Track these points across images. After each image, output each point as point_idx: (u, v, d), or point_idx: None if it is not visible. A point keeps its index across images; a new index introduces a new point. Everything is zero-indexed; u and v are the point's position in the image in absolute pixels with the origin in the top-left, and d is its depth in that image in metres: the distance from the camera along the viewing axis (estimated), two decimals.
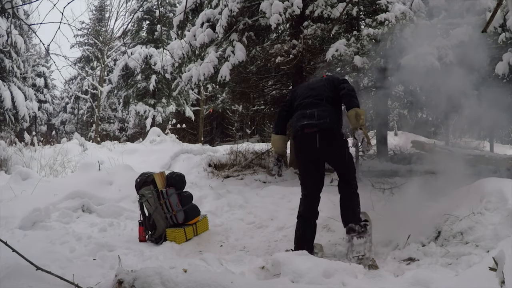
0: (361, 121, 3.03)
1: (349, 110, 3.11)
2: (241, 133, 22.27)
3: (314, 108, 3.26)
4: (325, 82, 3.43)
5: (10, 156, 8.27)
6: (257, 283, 2.28)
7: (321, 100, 3.30)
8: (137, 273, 2.11)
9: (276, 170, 3.56)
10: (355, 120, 3.03)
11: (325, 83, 3.43)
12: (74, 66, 22.62)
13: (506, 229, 2.71)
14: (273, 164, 3.56)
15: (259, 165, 7.62)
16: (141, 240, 4.09)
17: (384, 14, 5.53)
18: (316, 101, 3.30)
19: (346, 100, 3.19)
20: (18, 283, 2.13)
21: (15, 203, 4.69)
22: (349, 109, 3.11)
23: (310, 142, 3.22)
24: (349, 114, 3.09)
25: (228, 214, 5.10)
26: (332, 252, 3.58)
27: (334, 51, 5.69)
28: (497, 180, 3.27)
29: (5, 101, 14.02)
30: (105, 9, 24.76)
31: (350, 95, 3.18)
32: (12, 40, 13.20)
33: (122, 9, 29.59)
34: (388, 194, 5.40)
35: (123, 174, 5.88)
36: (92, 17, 24.93)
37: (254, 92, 8.29)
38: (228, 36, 6.90)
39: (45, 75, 27.09)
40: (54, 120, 29.83)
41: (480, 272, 2.06)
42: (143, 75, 18.93)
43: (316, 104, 3.28)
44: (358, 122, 3.02)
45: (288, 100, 3.65)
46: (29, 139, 10.48)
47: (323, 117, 3.19)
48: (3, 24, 12.43)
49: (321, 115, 3.21)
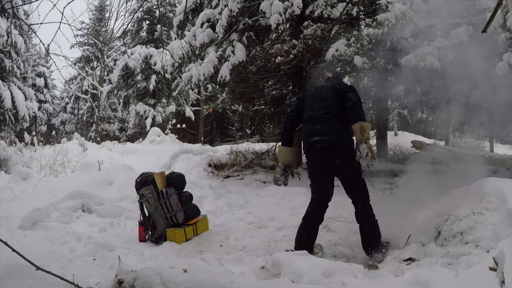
0: (366, 135, 3.03)
1: (354, 123, 3.12)
2: (241, 133, 22.26)
3: (323, 124, 3.28)
4: (333, 91, 3.40)
5: (10, 156, 8.27)
6: (257, 283, 2.28)
7: (330, 114, 3.30)
8: (137, 273, 2.11)
9: (282, 180, 3.58)
10: (360, 134, 3.04)
11: (333, 91, 3.39)
12: (74, 66, 22.63)
13: (506, 229, 2.70)
14: (279, 175, 3.58)
15: (259, 165, 7.62)
16: (141, 240, 4.09)
17: (384, 14, 5.53)
18: (325, 116, 3.30)
19: (352, 113, 3.20)
20: (18, 283, 2.13)
21: (15, 203, 4.69)
22: (355, 122, 3.11)
23: (322, 156, 3.29)
24: (354, 127, 3.09)
25: (228, 214, 5.10)
26: (332, 252, 3.58)
27: (334, 51, 5.69)
28: (497, 180, 3.26)
29: (5, 101, 14.02)
30: (105, 9, 24.79)
31: (355, 107, 3.16)
32: (12, 40, 13.21)
33: (122, 9, 29.59)
34: (388, 194, 5.40)
35: (123, 174, 5.88)
36: (92, 17, 24.96)
37: (254, 92, 8.28)
38: (228, 36, 6.90)
39: (45, 75, 27.10)
40: (54, 120, 29.84)
41: (480, 272, 2.06)
42: (143, 75, 18.93)
43: (325, 119, 3.29)
44: (363, 136, 3.02)
45: (294, 110, 3.63)
46: (29, 139, 10.47)
47: (333, 134, 3.23)
48: (3, 24, 12.44)
49: (330, 132, 3.24)
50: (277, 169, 3.60)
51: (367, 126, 3.05)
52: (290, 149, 3.57)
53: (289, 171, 3.68)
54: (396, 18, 5.43)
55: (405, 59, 5.34)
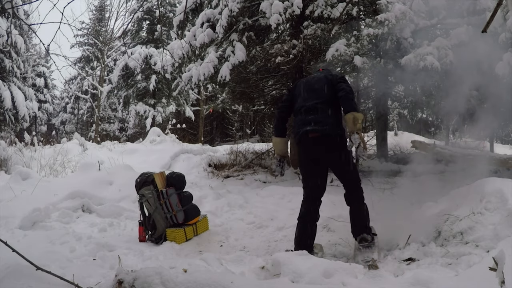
0: (358, 125, 3.03)
1: (346, 113, 3.12)
2: (241, 133, 22.26)
3: (315, 114, 3.26)
4: (324, 81, 3.38)
5: (10, 156, 8.27)
6: (257, 283, 2.28)
7: (322, 103, 3.28)
8: (137, 273, 2.11)
9: (279, 171, 3.62)
10: (352, 124, 3.04)
11: (325, 82, 3.38)
12: (74, 66, 22.63)
13: (506, 229, 2.70)
14: (275, 166, 3.61)
15: (259, 165, 7.62)
16: (141, 240, 4.09)
17: (384, 14, 5.53)
18: (317, 106, 3.29)
19: (344, 103, 3.20)
20: (18, 283, 2.13)
21: (15, 203, 4.69)
22: (347, 112, 3.11)
23: (315, 145, 3.26)
24: (346, 117, 3.09)
25: (228, 214, 5.10)
26: (332, 252, 3.58)
27: (334, 51, 5.69)
28: (497, 180, 3.26)
29: (5, 101, 14.02)
30: (105, 9, 24.79)
31: (348, 97, 3.16)
32: (12, 40, 13.21)
33: (122, 9, 29.53)
34: (388, 194, 5.40)
35: (123, 174, 5.88)
36: (92, 17, 24.96)
37: (254, 92, 8.29)
38: (228, 36, 6.90)
39: (45, 75, 27.10)
40: (54, 120, 29.84)
41: (480, 272, 2.06)
42: (143, 75, 18.93)
43: (317, 109, 3.28)
44: (355, 126, 3.02)
45: (286, 100, 3.62)
46: (29, 139, 10.47)
47: (326, 124, 3.22)
48: (3, 24, 12.43)
49: (323, 121, 3.22)
50: (273, 161, 3.64)
51: (359, 117, 3.05)
52: (284, 139, 3.59)
53: (285, 161, 3.71)
54: (396, 18, 5.44)
55: (405, 59, 5.34)
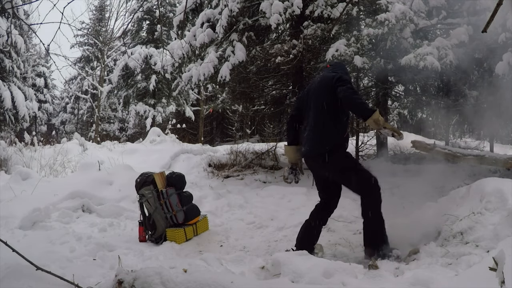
0: (381, 122, 3.00)
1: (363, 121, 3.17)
2: (241, 133, 22.24)
3: (310, 130, 3.32)
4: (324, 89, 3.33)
5: (10, 156, 8.27)
6: (257, 283, 2.28)
7: (320, 115, 3.29)
8: (137, 273, 2.11)
9: (291, 178, 3.61)
10: (375, 125, 3.02)
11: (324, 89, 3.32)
12: (74, 66, 22.64)
13: (506, 229, 2.70)
14: (288, 173, 3.60)
15: (259, 165, 7.62)
16: (141, 240, 4.09)
17: (384, 14, 5.53)
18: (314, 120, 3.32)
19: (353, 112, 3.28)
20: (18, 283, 2.13)
21: (15, 203, 4.69)
22: (365, 120, 3.09)
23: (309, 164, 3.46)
24: (368, 123, 3.09)
25: (228, 214, 5.10)
26: (332, 252, 3.58)
27: (334, 51, 5.69)
28: (497, 180, 3.26)
29: (5, 101, 14.00)
30: (105, 9, 24.76)
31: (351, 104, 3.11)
32: (12, 40, 13.20)
33: (122, 9, 29.51)
34: (388, 194, 5.39)
35: (123, 174, 5.88)
36: (92, 17, 24.95)
37: (254, 92, 8.29)
38: (228, 36, 6.90)
39: (45, 75, 27.11)
40: (54, 120, 29.85)
41: (480, 272, 2.05)
42: (143, 75, 18.93)
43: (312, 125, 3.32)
44: (378, 125, 3.00)
45: (295, 109, 3.65)
46: (29, 139, 10.47)
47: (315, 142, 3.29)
48: (3, 24, 12.43)
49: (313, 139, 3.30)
50: (285, 168, 3.64)
51: (377, 116, 3.00)
52: (295, 147, 3.59)
53: (297, 168, 3.70)
54: (396, 18, 5.44)
55: (405, 59, 5.34)
